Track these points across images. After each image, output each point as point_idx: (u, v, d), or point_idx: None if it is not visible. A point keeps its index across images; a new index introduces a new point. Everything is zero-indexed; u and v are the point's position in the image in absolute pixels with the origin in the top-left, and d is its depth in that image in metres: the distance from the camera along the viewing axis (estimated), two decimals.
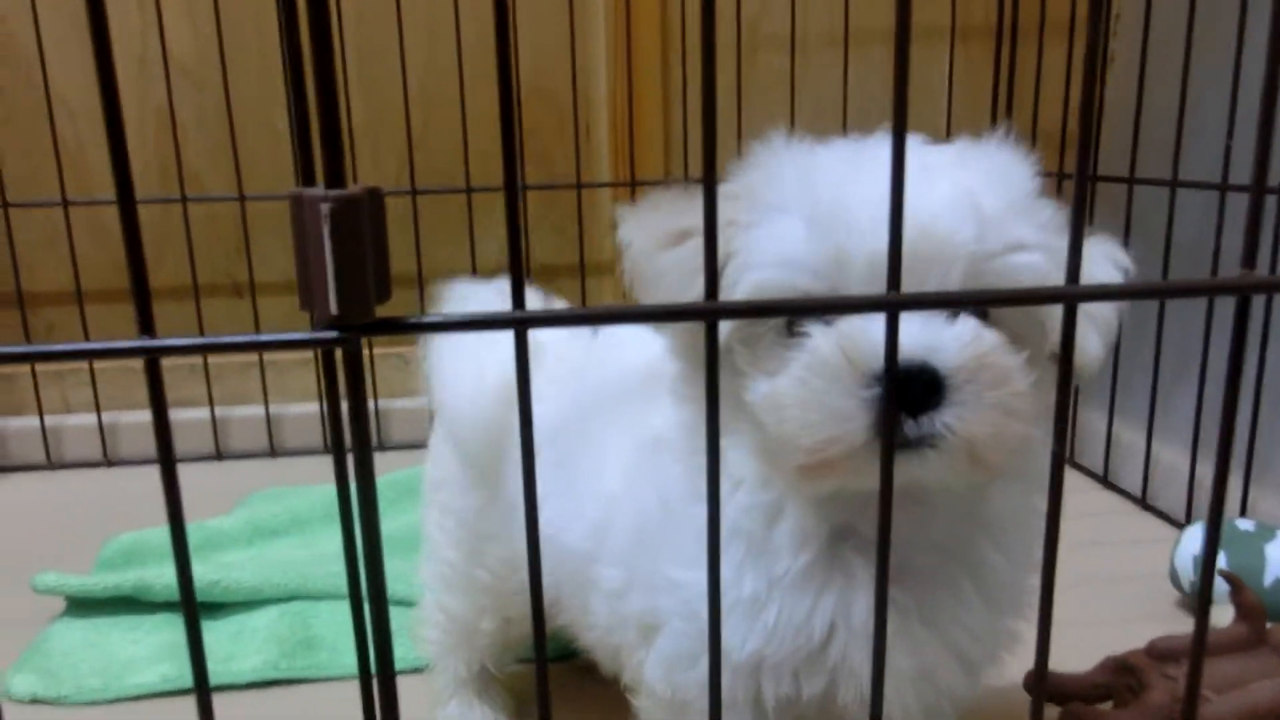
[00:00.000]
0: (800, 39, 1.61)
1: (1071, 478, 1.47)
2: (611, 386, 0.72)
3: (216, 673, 0.91)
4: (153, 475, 0.45)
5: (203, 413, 1.59)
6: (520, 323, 0.45)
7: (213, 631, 0.99)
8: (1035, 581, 0.60)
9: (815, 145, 0.59)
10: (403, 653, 0.93)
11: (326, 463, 1.65)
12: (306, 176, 0.41)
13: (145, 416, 1.55)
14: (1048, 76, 1.53)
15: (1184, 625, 1.03)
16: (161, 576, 1.02)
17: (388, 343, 1.66)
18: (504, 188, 0.44)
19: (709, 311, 0.46)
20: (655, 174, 1.67)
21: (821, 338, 0.50)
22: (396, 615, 0.97)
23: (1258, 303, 1.08)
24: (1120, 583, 1.10)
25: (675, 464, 0.61)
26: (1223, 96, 1.13)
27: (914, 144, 0.56)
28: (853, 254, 0.51)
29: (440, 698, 0.85)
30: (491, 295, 0.85)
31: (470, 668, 0.84)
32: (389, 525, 1.19)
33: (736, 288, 0.54)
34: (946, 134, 1.61)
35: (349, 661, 0.93)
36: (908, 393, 0.48)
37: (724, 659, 0.59)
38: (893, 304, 0.45)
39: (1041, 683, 0.55)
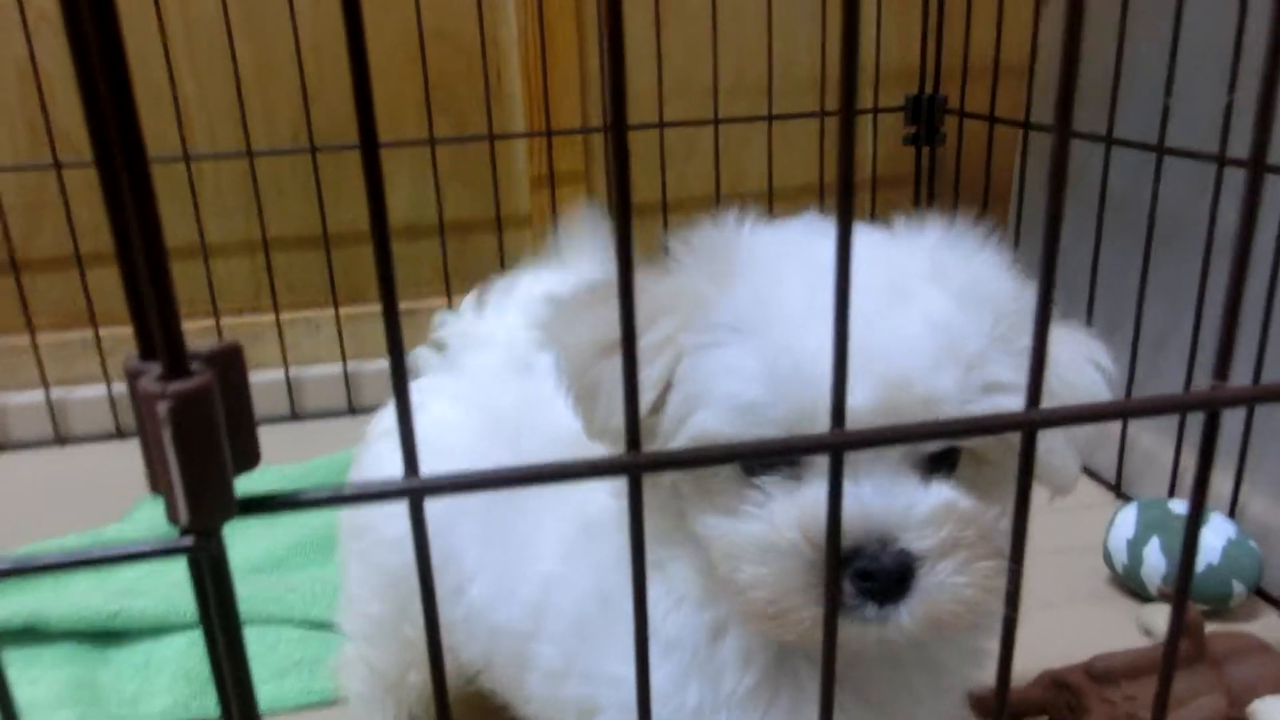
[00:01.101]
0: None
1: None
2: (547, 451, 0.66)
3: (121, 717, 0.86)
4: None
5: (99, 390, 1.50)
6: (416, 493, 0.39)
7: (117, 664, 0.93)
8: (980, 675, 0.58)
9: (777, 234, 0.52)
10: (322, 686, 0.89)
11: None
12: (143, 345, 0.34)
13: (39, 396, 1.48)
14: (979, 6, 1.46)
15: (1117, 606, 1.03)
16: (57, 606, 0.95)
17: (295, 305, 1.58)
18: (376, 270, 0.37)
19: (631, 466, 0.41)
20: (572, 122, 1.59)
21: (781, 510, 0.45)
22: (313, 640, 0.93)
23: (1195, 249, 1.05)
24: (1054, 555, 1.10)
25: (612, 554, 0.57)
26: (1162, 53, 1.08)
27: (880, 246, 0.50)
28: (820, 410, 0.41)
29: None
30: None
31: (397, 718, 0.80)
32: (299, 527, 1.14)
33: (683, 427, 0.48)
34: (875, 68, 1.55)
35: (266, 695, 0.89)
36: (875, 579, 0.44)
37: None
38: (838, 445, 0.41)
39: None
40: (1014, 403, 0.44)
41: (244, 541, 1.14)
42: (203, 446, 0.33)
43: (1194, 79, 1.05)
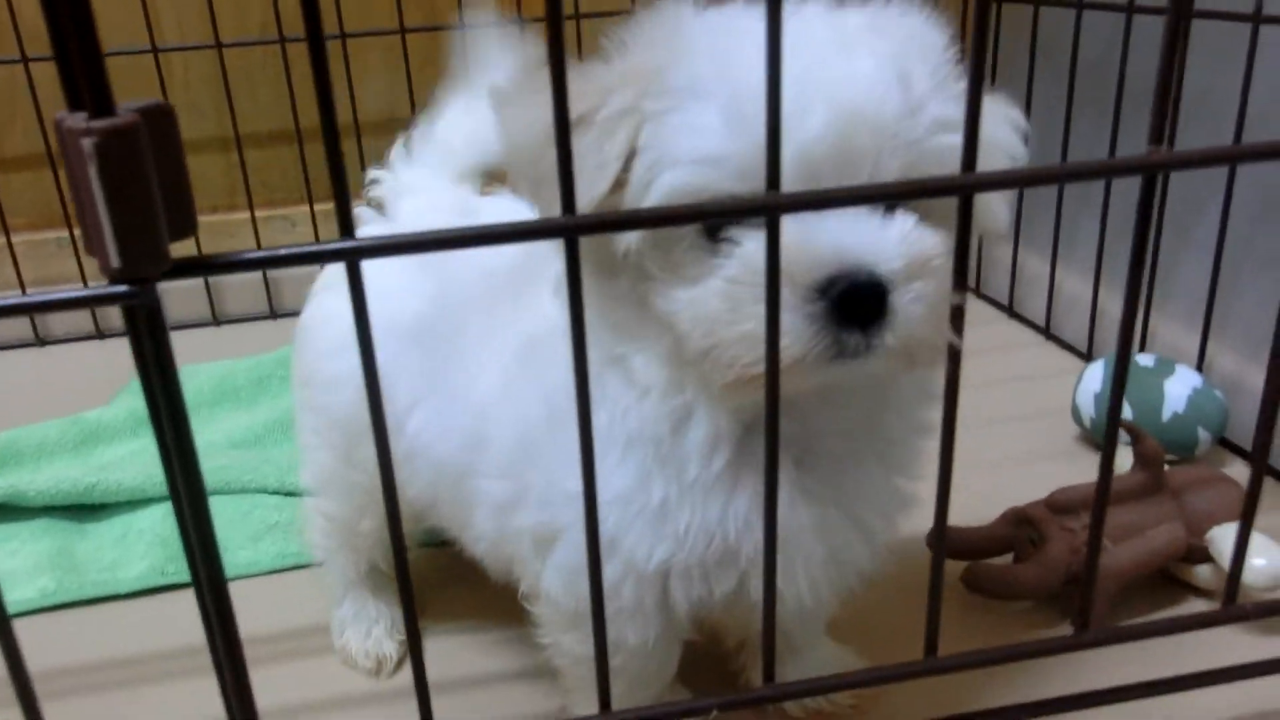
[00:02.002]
0: None
1: (977, 308, 1.47)
2: (479, 281, 0.66)
3: (99, 582, 0.87)
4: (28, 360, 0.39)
5: (78, 290, 1.50)
6: (352, 253, 0.40)
7: (95, 536, 0.94)
8: (928, 444, 0.59)
9: (724, 11, 0.51)
10: (297, 549, 0.91)
11: (214, 335, 1.60)
12: (70, 95, 0.34)
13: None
14: None
15: (1085, 461, 1.04)
16: (35, 481, 0.96)
17: (270, 203, 1.57)
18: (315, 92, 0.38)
19: (566, 229, 0.41)
20: (541, 10, 1.56)
21: (753, 249, 0.45)
22: (288, 506, 0.95)
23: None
24: (1024, 420, 1.11)
25: (558, 367, 0.57)
26: None
27: (823, 12, 0.50)
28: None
29: (334, 597, 0.82)
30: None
31: (359, 567, 0.81)
32: (275, 407, 1.15)
33: (650, 190, 0.48)
34: None
35: (243, 560, 0.90)
36: (857, 306, 0.44)
37: (630, 567, 0.57)
38: (772, 207, 0.41)
39: (941, 543, 0.55)
40: (957, 141, 0.44)
41: (224, 420, 1.15)
42: (131, 187, 0.33)
43: None
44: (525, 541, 0.62)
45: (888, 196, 0.43)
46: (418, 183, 0.78)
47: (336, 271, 0.73)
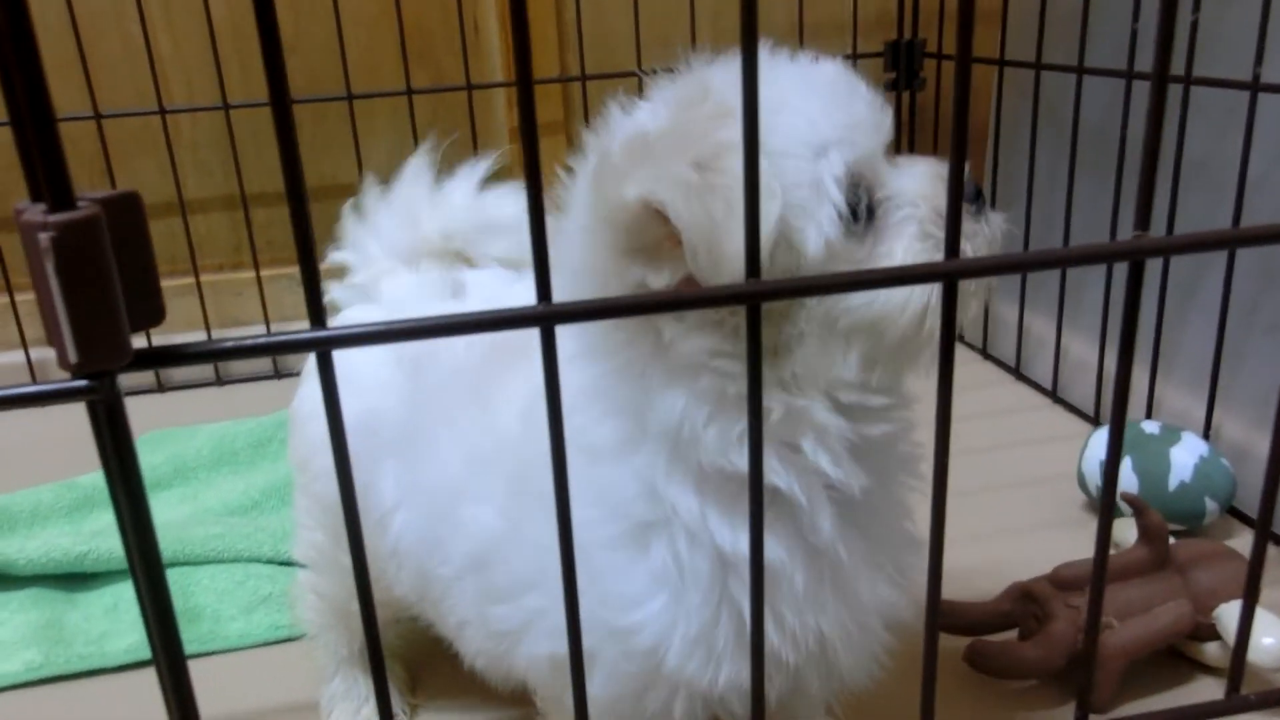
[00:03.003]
0: None
1: (984, 369, 1.45)
2: (448, 384, 0.66)
3: (87, 655, 0.86)
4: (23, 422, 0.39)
5: (32, 386, 1.50)
6: (323, 343, 0.39)
7: (85, 606, 0.93)
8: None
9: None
10: (290, 620, 0.89)
11: (217, 395, 1.59)
12: (32, 187, 0.34)
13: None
14: None
15: (1091, 530, 1.01)
16: (25, 549, 0.95)
17: (276, 262, 1.58)
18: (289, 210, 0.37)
19: (544, 317, 0.40)
20: (550, 70, 1.58)
21: (909, 183, 0.53)
22: (282, 576, 0.93)
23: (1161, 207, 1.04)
24: (1029, 486, 1.09)
25: (618, 468, 0.54)
26: None
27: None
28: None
29: (324, 674, 0.80)
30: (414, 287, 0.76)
31: (350, 645, 0.80)
32: (274, 472, 1.14)
33: (823, 198, 0.49)
34: (854, 16, 1.54)
35: (235, 631, 0.89)
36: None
37: (690, 688, 0.55)
38: (751, 295, 0.40)
39: (934, 617, 0.53)
40: None
41: (222, 484, 1.14)
42: (89, 282, 0.32)
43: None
44: (541, 666, 0.59)
45: (863, 286, 0.43)
46: (387, 261, 0.77)
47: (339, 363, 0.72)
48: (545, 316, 0.40)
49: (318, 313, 0.39)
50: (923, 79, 1.60)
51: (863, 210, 0.51)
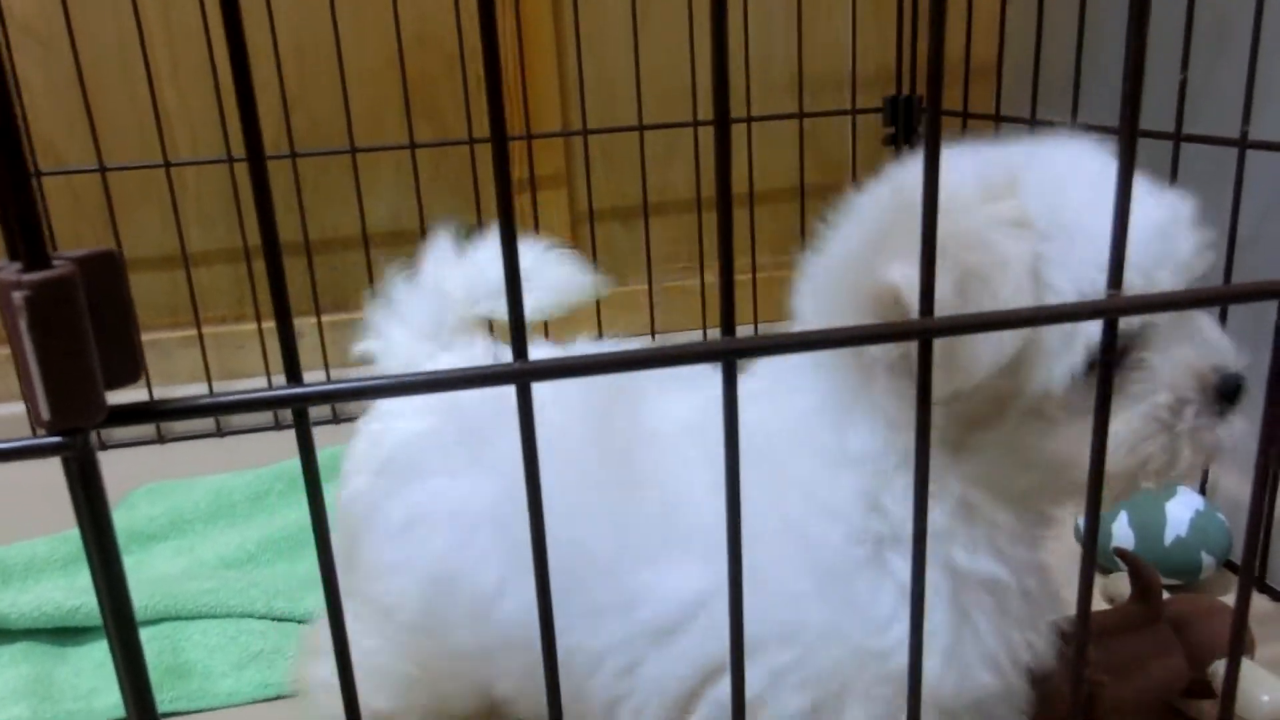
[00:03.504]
0: None
1: None
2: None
3: (75, 711, 0.85)
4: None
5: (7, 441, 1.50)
6: (299, 399, 0.39)
7: (75, 661, 0.92)
8: None
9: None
10: (281, 678, 0.88)
11: (218, 447, 1.59)
12: (9, 246, 0.35)
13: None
14: (953, 7, 1.47)
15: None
16: (18, 603, 0.95)
17: (336, 306, 1.58)
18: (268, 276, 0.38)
19: (520, 374, 0.40)
20: (553, 125, 1.60)
21: (1169, 366, 0.53)
22: (274, 632, 0.92)
23: None
24: None
25: (844, 486, 0.57)
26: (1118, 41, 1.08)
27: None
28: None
29: None
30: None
31: None
32: (270, 525, 1.14)
33: (1077, 340, 0.51)
34: (853, 71, 1.55)
35: (224, 689, 0.88)
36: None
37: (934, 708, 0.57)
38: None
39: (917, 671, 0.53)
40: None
41: (219, 537, 1.14)
42: (63, 339, 0.33)
43: (1152, 60, 1.05)
44: None
45: (832, 344, 0.43)
46: (418, 345, 0.75)
47: (394, 453, 0.70)
48: (522, 373, 0.40)
49: (294, 369, 0.39)
50: (921, 134, 1.61)
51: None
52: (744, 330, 0.76)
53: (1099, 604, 0.93)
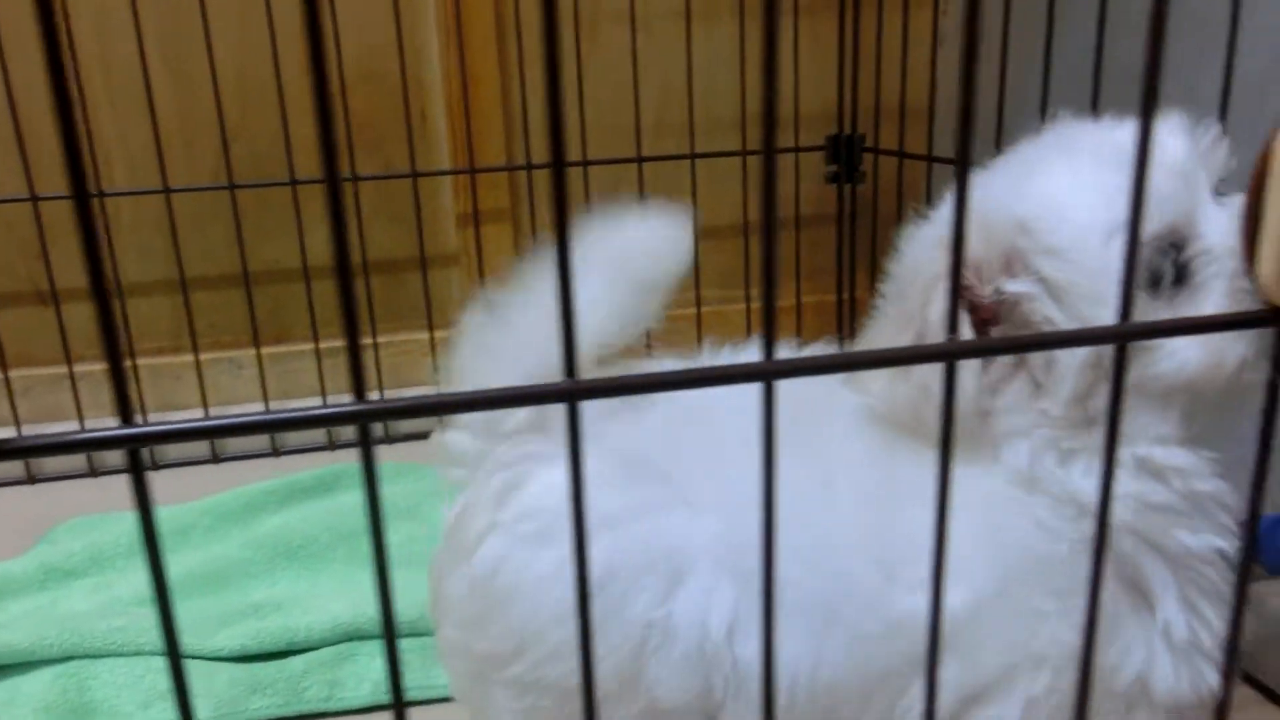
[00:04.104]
0: (642, 14, 1.54)
1: None
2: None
3: None
4: None
5: (8, 431, 1.48)
6: (135, 441, 0.38)
7: None
8: None
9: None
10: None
11: (155, 481, 1.55)
12: None
13: None
14: (889, 51, 1.49)
15: None
16: None
17: (218, 345, 1.57)
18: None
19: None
20: (497, 159, 1.60)
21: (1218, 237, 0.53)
22: (190, 669, 0.91)
23: None
24: None
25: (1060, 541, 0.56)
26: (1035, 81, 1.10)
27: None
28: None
29: None
30: None
31: None
32: (192, 560, 1.12)
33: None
34: (795, 110, 1.57)
35: None
36: None
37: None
38: (569, 392, 0.40)
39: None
40: None
41: (137, 573, 1.12)
42: None
43: (1066, 100, 1.07)
44: None
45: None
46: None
47: (551, 513, 0.59)
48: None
49: (126, 410, 0.38)
50: (863, 172, 1.63)
51: (1167, 274, 0.53)
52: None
53: None
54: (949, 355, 0.42)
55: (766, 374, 0.42)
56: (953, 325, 0.42)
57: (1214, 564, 0.55)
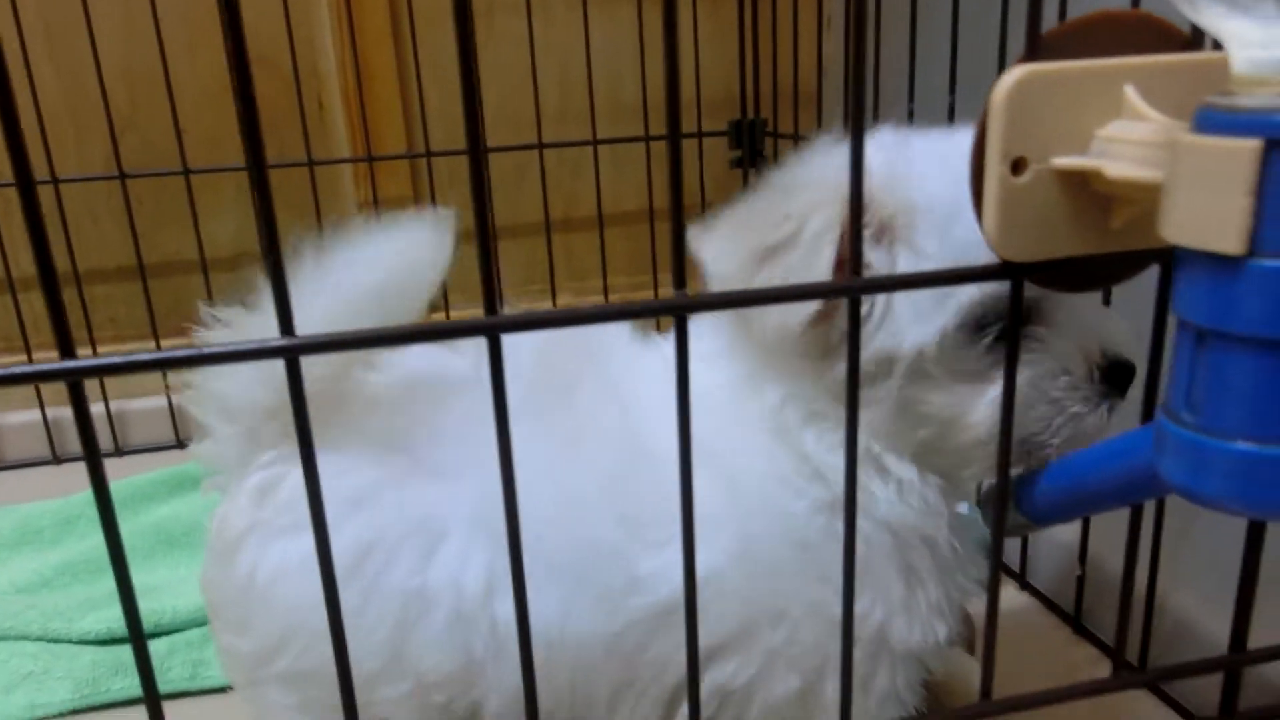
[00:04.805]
0: (539, 1, 1.55)
1: None
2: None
3: None
4: None
5: None
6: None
7: None
8: None
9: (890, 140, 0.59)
10: (48, 699, 0.87)
11: (55, 474, 1.55)
12: None
13: None
14: (783, 35, 1.51)
15: None
16: None
17: (117, 339, 1.56)
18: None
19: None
20: (398, 147, 1.60)
21: (1061, 343, 0.55)
22: (46, 654, 0.90)
23: None
24: None
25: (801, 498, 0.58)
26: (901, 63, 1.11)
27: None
28: None
29: None
30: None
31: None
32: (75, 549, 1.11)
33: (950, 301, 0.53)
34: (697, 95, 1.57)
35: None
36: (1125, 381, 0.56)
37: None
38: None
39: None
40: None
41: (19, 563, 1.12)
42: None
43: (932, 82, 1.09)
44: (786, 710, 0.58)
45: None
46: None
47: (286, 511, 0.61)
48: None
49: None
50: (766, 156, 1.65)
51: (993, 331, 0.54)
52: None
53: None
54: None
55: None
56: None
57: (924, 540, 0.60)
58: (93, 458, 0.39)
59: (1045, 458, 0.56)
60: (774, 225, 0.54)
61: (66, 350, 0.39)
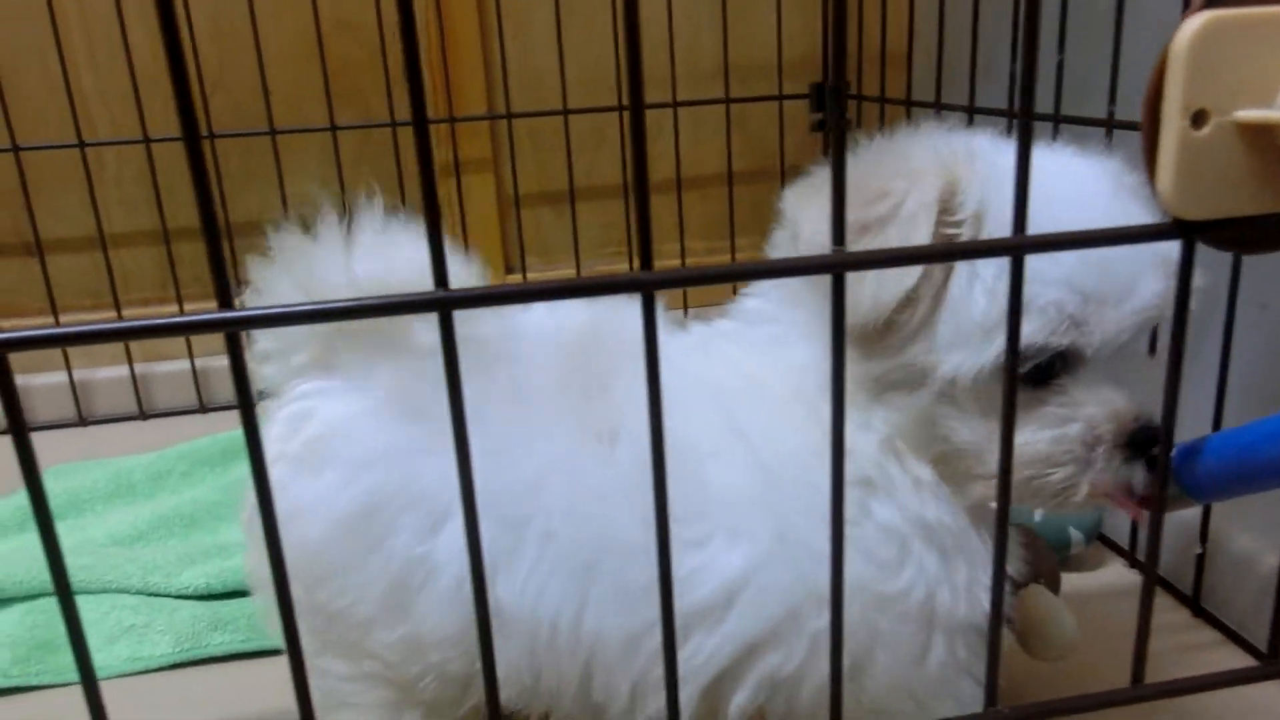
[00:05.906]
0: None
1: None
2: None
3: None
4: None
5: None
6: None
7: None
8: None
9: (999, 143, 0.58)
10: (150, 652, 0.89)
11: (141, 429, 1.58)
12: None
13: None
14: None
15: None
16: None
17: (206, 296, 1.59)
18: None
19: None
20: (478, 108, 1.60)
21: (1095, 408, 0.55)
22: (147, 608, 0.92)
23: None
24: None
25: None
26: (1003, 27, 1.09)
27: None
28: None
29: None
30: None
31: None
32: (166, 504, 1.14)
33: (996, 340, 0.53)
34: (779, 58, 1.55)
35: (97, 661, 0.88)
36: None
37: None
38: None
39: None
40: None
41: (113, 515, 1.14)
42: None
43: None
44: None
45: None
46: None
47: (328, 438, 0.62)
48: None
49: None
50: (848, 119, 1.62)
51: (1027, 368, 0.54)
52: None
53: None
54: (838, 266, 0.43)
55: (647, 284, 0.43)
56: (839, 238, 0.43)
57: (951, 532, 0.59)
58: (248, 411, 0.39)
59: (1061, 512, 0.59)
60: (873, 200, 0.54)
61: (225, 301, 0.39)
